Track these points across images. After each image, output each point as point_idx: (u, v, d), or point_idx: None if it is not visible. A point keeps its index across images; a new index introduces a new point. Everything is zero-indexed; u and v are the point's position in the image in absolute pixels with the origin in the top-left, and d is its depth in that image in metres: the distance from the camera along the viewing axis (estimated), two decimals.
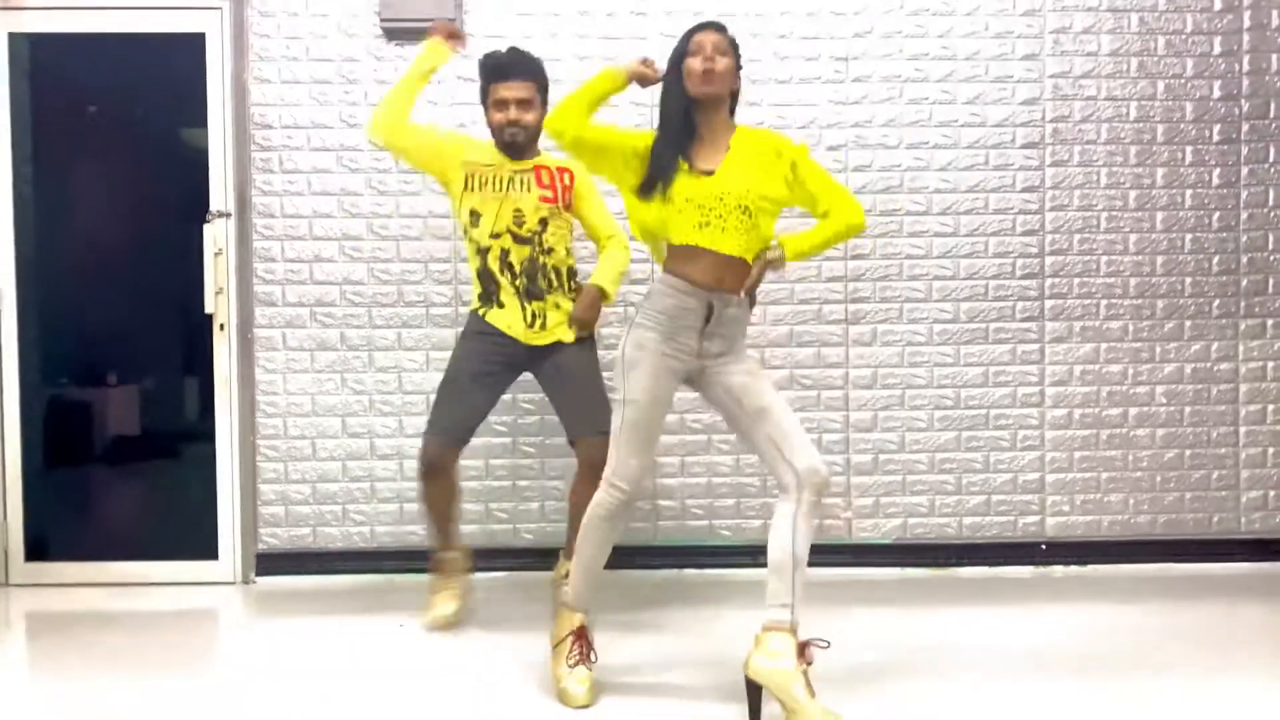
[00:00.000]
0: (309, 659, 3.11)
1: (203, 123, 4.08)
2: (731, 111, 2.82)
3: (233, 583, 4.13)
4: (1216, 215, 4.26)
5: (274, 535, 4.15)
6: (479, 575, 3.81)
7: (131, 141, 4.23)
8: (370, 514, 4.15)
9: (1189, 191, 4.26)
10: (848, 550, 4.19)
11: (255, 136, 4.12)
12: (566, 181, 3.45)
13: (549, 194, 3.41)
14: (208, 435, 4.13)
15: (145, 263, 4.21)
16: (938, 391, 4.23)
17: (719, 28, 2.79)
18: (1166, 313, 4.26)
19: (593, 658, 2.81)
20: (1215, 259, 4.26)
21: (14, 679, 3.02)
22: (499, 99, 3.35)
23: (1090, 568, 4.21)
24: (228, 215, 4.10)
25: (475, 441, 3.58)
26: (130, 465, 4.31)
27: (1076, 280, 4.24)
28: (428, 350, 4.16)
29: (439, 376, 4.07)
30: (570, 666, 2.77)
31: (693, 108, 2.73)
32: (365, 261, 4.14)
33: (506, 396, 3.68)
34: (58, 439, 4.24)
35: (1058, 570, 4.20)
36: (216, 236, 4.08)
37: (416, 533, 4.05)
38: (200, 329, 4.11)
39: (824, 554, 4.12)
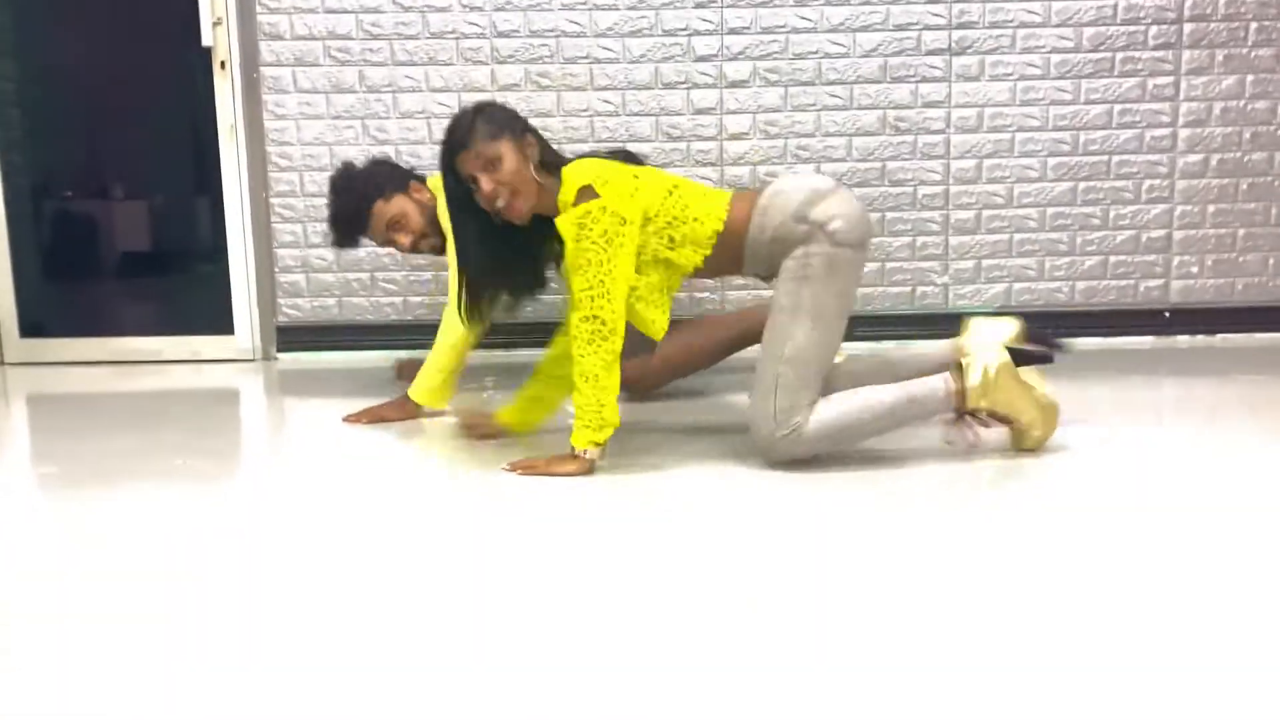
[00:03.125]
0: (333, 444, 2.66)
1: None
2: (550, 167, 2.16)
3: (251, 360, 3.69)
4: None
5: (295, 307, 3.68)
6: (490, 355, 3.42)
7: None
8: (403, 283, 3.67)
9: None
10: (944, 319, 3.67)
11: None
12: None
13: None
14: (213, 191, 3.62)
15: None
16: (1053, 135, 3.63)
17: (473, 129, 2.08)
18: None
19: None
20: None
21: (10, 470, 2.60)
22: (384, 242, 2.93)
23: (1220, 337, 3.70)
24: None
25: None
26: (129, 228, 3.82)
27: None
28: (459, 92, 3.58)
29: None
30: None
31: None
32: None
33: None
34: (43, 199, 3.75)
35: (1183, 340, 3.70)
36: None
37: None
38: (198, 67, 3.55)
39: (917, 325, 3.68)
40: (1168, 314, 3.71)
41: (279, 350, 3.70)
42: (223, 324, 3.68)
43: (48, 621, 1.45)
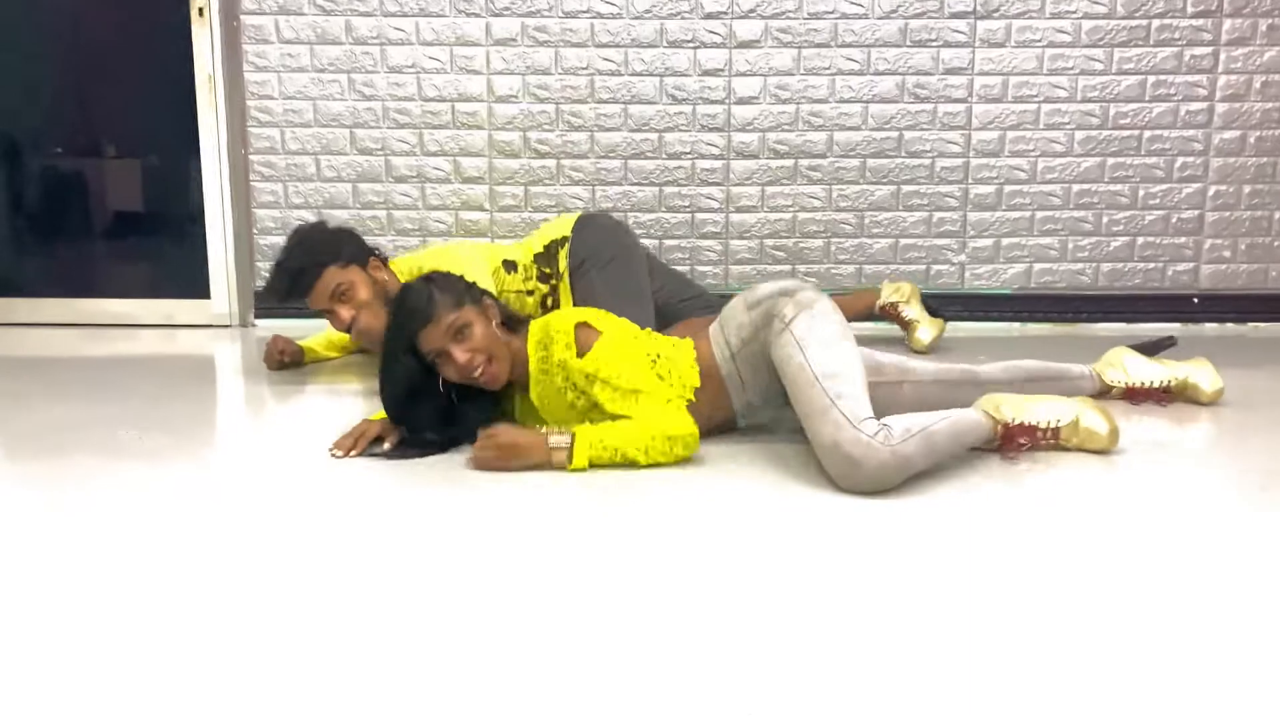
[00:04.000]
0: (308, 421, 2.48)
1: None
2: (512, 325, 2.06)
3: (228, 325, 3.51)
4: None
5: None
6: None
7: None
8: (388, 249, 3.46)
9: None
10: (959, 300, 3.48)
11: None
12: None
13: None
14: (190, 148, 3.43)
15: None
16: (1082, 107, 3.42)
17: (433, 301, 1.94)
18: None
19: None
20: None
21: None
22: (320, 311, 2.62)
23: (1251, 326, 3.50)
24: None
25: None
26: (102, 186, 3.63)
27: None
28: (451, 46, 3.37)
29: (468, 81, 3.37)
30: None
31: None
32: None
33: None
34: (14, 156, 3.55)
35: (1211, 328, 3.49)
36: None
37: None
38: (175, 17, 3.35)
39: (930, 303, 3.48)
40: (1196, 299, 3.51)
41: (257, 317, 3.51)
42: (198, 288, 3.49)
43: None
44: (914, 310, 3.06)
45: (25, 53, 3.50)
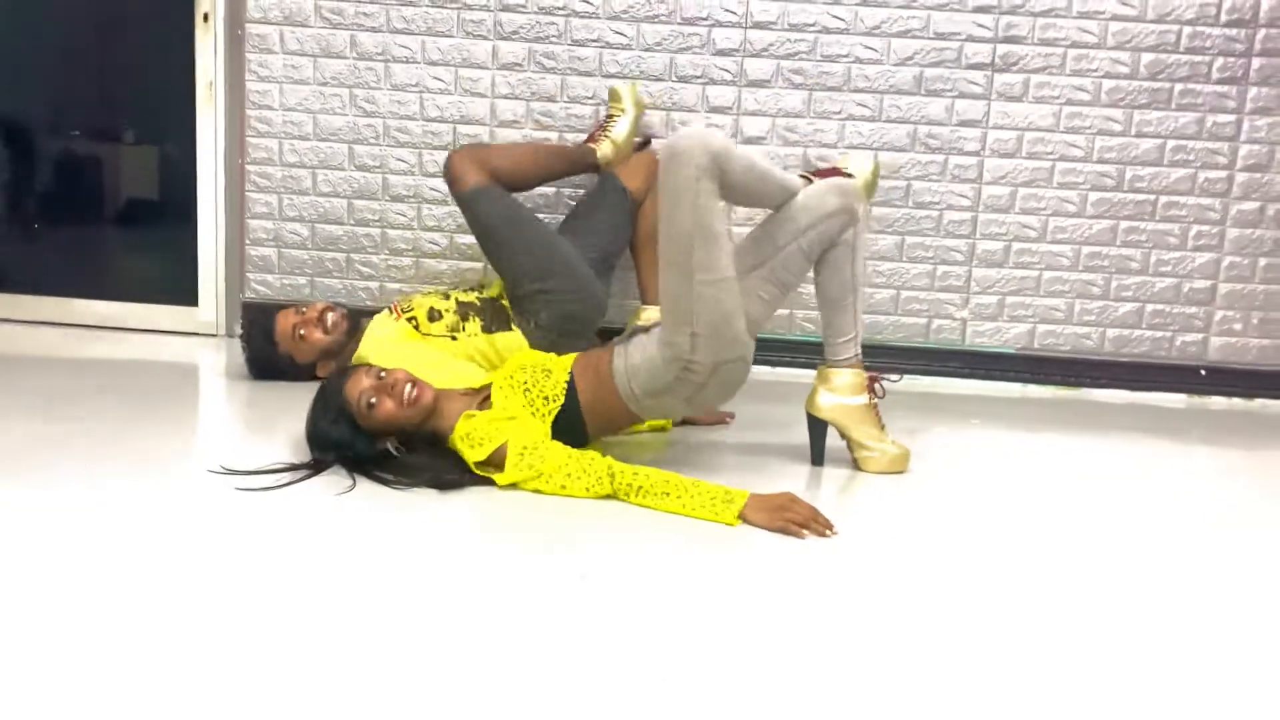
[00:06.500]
0: (291, 431, 2.41)
1: None
2: None
3: (215, 335, 3.46)
4: None
5: (264, 283, 3.44)
6: None
7: None
8: (380, 267, 3.42)
9: None
10: (959, 356, 3.40)
11: None
12: None
13: None
14: (186, 155, 3.38)
15: None
16: (1098, 167, 3.33)
17: (350, 366, 2.26)
18: None
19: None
20: None
21: None
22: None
23: (1259, 402, 3.40)
24: None
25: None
26: (94, 185, 3.59)
27: None
28: (457, 67, 3.32)
29: (471, 104, 3.32)
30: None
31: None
32: None
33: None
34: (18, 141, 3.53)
35: (1217, 402, 3.40)
36: None
37: None
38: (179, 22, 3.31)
39: (930, 359, 3.40)
40: (1204, 371, 3.41)
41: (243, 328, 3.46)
42: (186, 295, 3.44)
43: None
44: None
45: (20, 47, 3.46)
